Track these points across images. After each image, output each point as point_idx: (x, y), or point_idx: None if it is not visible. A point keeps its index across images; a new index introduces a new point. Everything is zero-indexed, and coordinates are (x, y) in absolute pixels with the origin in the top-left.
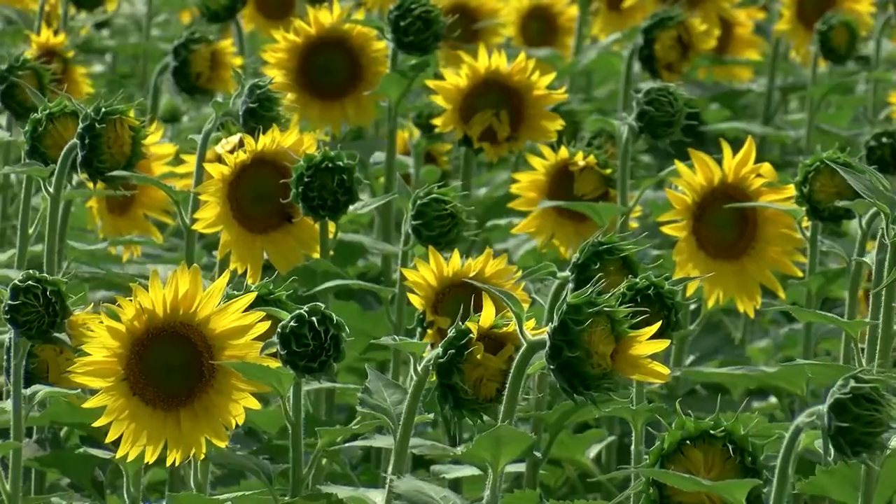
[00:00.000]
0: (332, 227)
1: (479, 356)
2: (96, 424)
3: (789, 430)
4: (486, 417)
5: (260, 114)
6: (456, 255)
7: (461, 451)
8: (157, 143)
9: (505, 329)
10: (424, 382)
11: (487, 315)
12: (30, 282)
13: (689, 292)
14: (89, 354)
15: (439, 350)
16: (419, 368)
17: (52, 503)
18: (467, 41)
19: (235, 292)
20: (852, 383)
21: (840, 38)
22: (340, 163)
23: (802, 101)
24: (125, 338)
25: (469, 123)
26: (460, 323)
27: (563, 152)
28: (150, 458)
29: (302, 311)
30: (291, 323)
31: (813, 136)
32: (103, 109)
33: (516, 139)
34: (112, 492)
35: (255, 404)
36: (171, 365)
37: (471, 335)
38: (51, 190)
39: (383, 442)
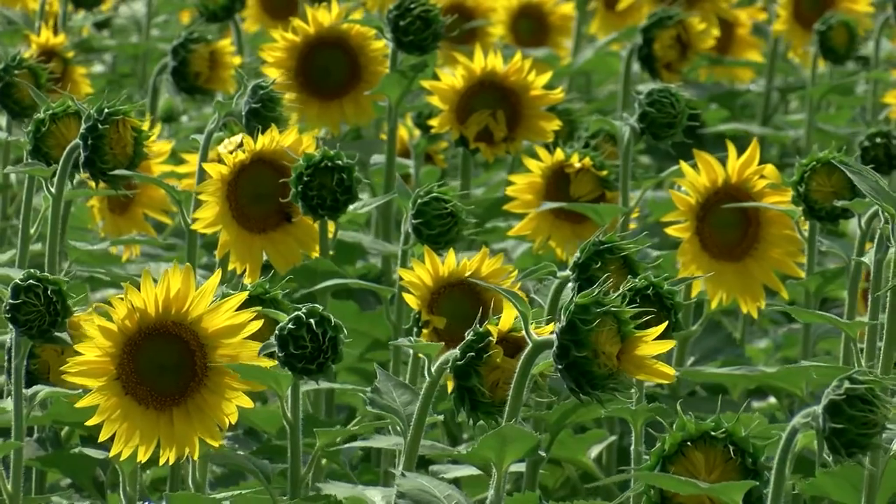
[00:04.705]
0: (331, 226)
1: (498, 360)
2: (89, 423)
3: (786, 431)
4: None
5: (263, 114)
6: (451, 254)
7: (466, 451)
8: (154, 140)
9: (523, 332)
10: (437, 384)
11: (507, 318)
12: (31, 281)
13: (694, 293)
14: (82, 354)
15: (457, 352)
16: (433, 370)
17: (54, 503)
18: (463, 41)
19: (230, 291)
20: (847, 384)
21: (839, 38)
22: (340, 162)
23: (803, 102)
24: (117, 337)
25: (465, 124)
26: (478, 326)
27: (559, 154)
28: (142, 457)
29: (300, 312)
30: (289, 325)
31: (812, 136)
32: (106, 110)
33: (513, 139)
34: (113, 491)
35: (248, 403)
36: (164, 364)
37: (489, 338)
38: (52, 190)
39: (384, 442)
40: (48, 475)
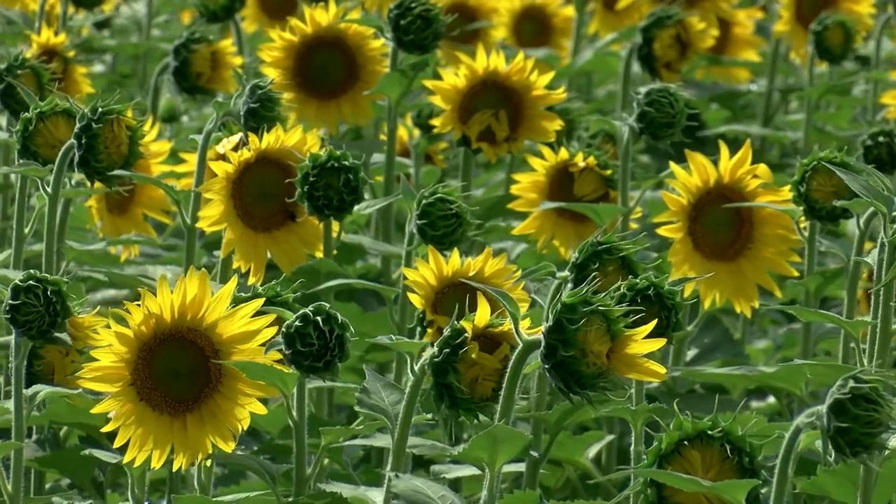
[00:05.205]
0: (335, 226)
1: (473, 355)
2: (104, 430)
3: (789, 431)
4: (482, 417)
5: (261, 114)
6: (455, 254)
7: (458, 451)
8: (154, 140)
9: (500, 328)
10: (421, 382)
11: (482, 314)
12: (30, 281)
13: (686, 293)
14: (97, 359)
15: (435, 349)
16: (416, 368)
17: (54, 503)
18: (465, 41)
19: (243, 294)
20: (851, 384)
21: (835, 38)
22: (346, 162)
23: (802, 102)
24: (133, 343)
25: (468, 124)
26: (456, 322)
27: (564, 153)
28: (156, 463)
29: (307, 310)
30: (296, 323)
31: (811, 136)
32: (100, 109)
33: (515, 139)
34: (112, 491)
35: (261, 409)
36: (179, 370)
37: (465, 334)
38: (48, 190)
39: (384, 441)
40: (46, 475)
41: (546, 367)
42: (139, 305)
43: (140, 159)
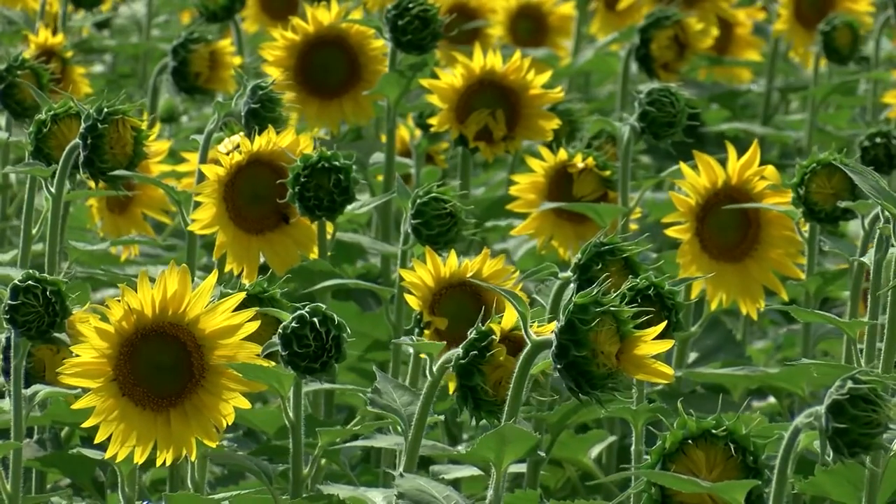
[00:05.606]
0: (329, 227)
1: (502, 358)
2: (85, 425)
3: (788, 431)
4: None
5: (262, 114)
6: (453, 255)
7: (465, 451)
8: (153, 140)
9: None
10: (439, 383)
11: (509, 317)
12: (30, 282)
13: (693, 294)
14: (78, 355)
15: (460, 351)
16: (434, 369)
17: (53, 503)
18: (465, 41)
19: (229, 291)
20: (850, 384)
21: (843, 38)
22: (337, 163)
23: (803, 102)
24: (114, 338)
25: (465, 123)
26: (481, 325)
27: (563, 154)
28: (139, 458)
29: (303, 311)
30: (293, 324)
31: (813, 136)
32: (105, 109)
33: (513, 138)
34: (113, 492)
35: (245, 404)
36: (161, 365)
37: (492, 336)
38: (52, 190)
39: (384, 442)
40: (48, 476)
41: (557, 367)
42: (120, 301)
43: (144, 160)
